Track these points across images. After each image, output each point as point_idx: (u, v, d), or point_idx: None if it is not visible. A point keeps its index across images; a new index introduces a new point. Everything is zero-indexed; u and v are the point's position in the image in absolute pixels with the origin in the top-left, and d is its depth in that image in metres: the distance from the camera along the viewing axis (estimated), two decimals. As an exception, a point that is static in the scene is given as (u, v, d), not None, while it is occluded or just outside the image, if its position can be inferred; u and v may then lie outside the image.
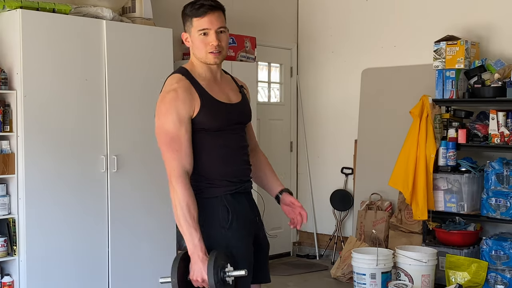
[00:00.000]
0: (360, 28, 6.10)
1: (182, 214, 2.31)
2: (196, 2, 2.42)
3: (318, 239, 6.41)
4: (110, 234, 4.25)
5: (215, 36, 2.41)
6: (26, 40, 3.86)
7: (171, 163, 2.34)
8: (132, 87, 4.40)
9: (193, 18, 2.41)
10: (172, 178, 2.33)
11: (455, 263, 4.69)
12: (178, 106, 2.35)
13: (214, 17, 2.41)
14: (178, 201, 2.31)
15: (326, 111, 6.40)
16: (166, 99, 2.37)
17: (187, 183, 2.34)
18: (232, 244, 2.40)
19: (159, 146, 2.40)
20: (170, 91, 2.38)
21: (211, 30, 2.40)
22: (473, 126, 4.91)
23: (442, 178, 4.91)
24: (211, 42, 2.41)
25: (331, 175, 6.34)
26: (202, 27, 2.40)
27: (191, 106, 2.37)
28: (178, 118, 2.35)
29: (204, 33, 2.41)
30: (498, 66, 4.85)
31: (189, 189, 2.34)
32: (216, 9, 2.42)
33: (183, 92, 2.37)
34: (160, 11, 4.99)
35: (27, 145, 3.87)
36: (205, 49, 2.42)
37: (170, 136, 2.35)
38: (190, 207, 2.31)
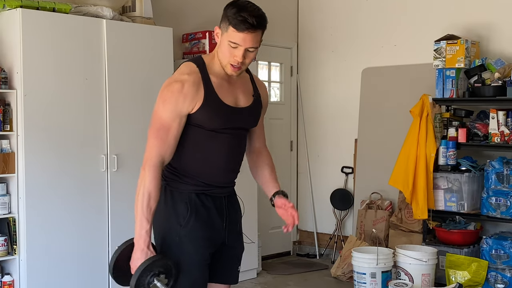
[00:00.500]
0: (361, 28, 6.09)
1: (141, 202, 2.34)
2: (242, 12, 2.29)
3: (318, 238, 6.42)
4: (110, 233, 4.25)
5: (242, 53, 2.34)
6: (26, 39, 3.86)
7: (151, 150, 2.34)
8: (132, 86, 4.40)
9: (230, 25, 2.31)
10: (146, 165, 2.33)
11: (455, 262, 4.69)
12: (179, 99, 2.32)
13: (250, 37, 2.32)
14: (143, 188, 2.33)
15: (326, 110, 6.40)
16: (171, 88, 2.34)
17: (158, 174, 2.34)
18: (182, 241, 2.39)
19: (148, 129, 2.39)
20: (178, 81, 2.35)
21: (242, 47, 2.33)
22: (473, 125, 4.91)
23: (442, 177, 4.91)
24: (236, 58, 2.35)
25: (331, 174, 6.34)
26: (234, 40, 2.32)
27: (192, 102, 2.34)
28: (176, 110, 2.33)
29: (234, 46, 2.34)
30: (498, 65, 4.85)
31: (158, 181, 2.34)
32: (257, 29, 2.32)
33: (190, 86, 2.34)
34: (160, 10, 4.99)
35: (27, 144, 3.87)
36: (228, 59, 2.36)
37: (161, 123, 2.34)
38: (151, 198, 2.33)
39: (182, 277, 2.39)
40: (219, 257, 2.53)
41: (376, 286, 4.36)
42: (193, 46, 5.18)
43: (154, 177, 2.33)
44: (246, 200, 5.51)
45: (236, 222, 2.59)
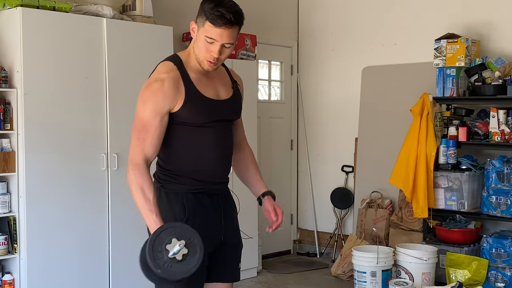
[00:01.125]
0: (361, 26, 6.09)
1: (138, 198, 2.31)
2: (219, 7, 2.29)
3: (318, 237, 6.42)
4: (110, 232, 4.25)
5: (218, 49, 2.34)
6: (26, 38, 3.86)
7: (134, 150, 2.34)
8: (133, 85, 4.39)
9: (207, 21, 2.30)
10: (129, 166, 2.33)
11: (455, 261, 4.70)
12: (160, 98, 2.33)
13: (227, 33, 2.32)
14: (133, 186, 2.31)
15: (326, 109, 6.40)
16: (150, 87, 2.35)
17: (144, 170, 2.31)
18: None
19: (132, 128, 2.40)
20: (158, 80, 2.35)
21: (218, 43, 2.33)
22: (474, 124, 4.91)
23: (442, 176, 4.91)
24: (213, 53, 2.35)
25: (331, 173, 6.34)
26: (211, 36, 2.32)
27: (173, 100, 2.34)
28: (156, 109, 2.33)
29: (210, 42, 2.34)
30: (498, 64, 4.85)
31: (144, 175, 2.31)
32: (234, 25, 2.32)
33: (170, 84, 2.34)
34: (160, 9, 4.99)
35: (27, 143, 3.87)
36: (204, 54, 2.36)
37: (142, 124, 2.34)
38: (144, 190, 2.29)
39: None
40: (219, 256, 2.52)
41: (377, 285, 4.36)
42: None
43: (140, 173, 2.31)
44: (246, 199, 5.50)
45: (232, 219, 2.59)
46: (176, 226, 2.24)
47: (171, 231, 2.20)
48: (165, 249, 2.17)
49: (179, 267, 2.17)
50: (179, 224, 2.27)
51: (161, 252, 2.17)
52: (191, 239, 2.20)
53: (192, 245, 2.20)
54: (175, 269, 2.17)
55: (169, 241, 2.18)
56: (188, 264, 2.18)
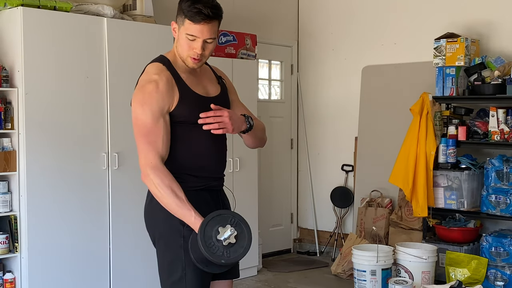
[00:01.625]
0: (361, 26, 6.10)
1: (171, 200, 2.30)
2: (196, 4, 2.33)
3: (318, 236, 6.43)
4: (111, 231, 4.26)
5: (201, 45, 2.37)
6: (27, 38, 3.86)
7: (147, 154, 2.33)
8: (133, 85, 4.38)
9: (186, 18, 2.35)
10: (148, 171, 2.31)
11: (455, 259, 4.71)
12: (157, 99, 2.34)
13: (207, 28, 2.35)
14: (161, 189, 2.30)
15: (326, 108, 6.41)
16: (145, 90, 2.36)
17: (164, 170, 2.32)
18: (187, 241, 2.37)
19: (134, 135, 2.38)
20: (151, 81, 2.36)
21: (200, 39, 2.36)
22: (473, 123, 4.92)
23: (442, 175, 4.92)
24: (195, 50, 2.37)
25: (331, 172, 6.36)
26: (191, 33, 2.35)
27: (170, 99, 2.36)
28: (157, 110, 2.34)
29: (192, 39, 2.37)
30: (498, 63, 4.86)
31: (168, 175, 2.32)
32: (212, 20, 2.36)
33: (164, 84, 2.36)
34: (160, 9, 5.00)
35: (28, 142, 3.88)
36: (187, 52, 2.39)
37: (147, 128, 2.34)
38: (174, 190, 2.30)
39: (190, 277, 2.37)
40: None
41: (376, 284, 4.37)
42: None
43: (163, 174, 2.31)
44: (247, 198, 5.55)
45: None
46: (215, 216, 2.29)
47: (213, 222, 2.27)
48: (216, 241, 2.24)
49: (236, 249, 2.27)
50: (216, 213, 2.30)
51: (214, 245, 2.24)
52: (234, 220, 2.29)
53: (237, 225, 2.29)
54: (233, 252, 2.27)
55: (217, 231, 2.25)
56: (242, 243, 2.28)
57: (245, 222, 2.31)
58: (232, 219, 2.29)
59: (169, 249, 2.42)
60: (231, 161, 5.14)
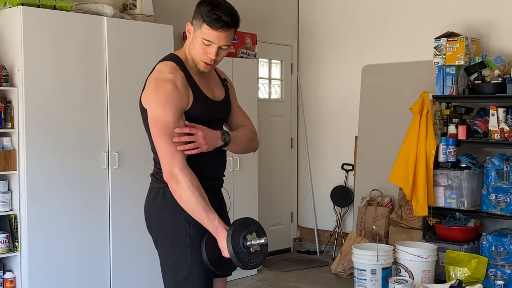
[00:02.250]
0: (361, 25, 6.10)
1: (197, 202, 2.30)
2: (216, 10, 2.32)
3: (318, 235, 6.43)
4: (111, 230, 4.27)
5: (215, 51, 2.37)
6: (27, 37, 3.86)
7: (173, 155, 2.31)
8: (133, 84, 4.40)
9: (205, 23, 2.34)
10: (177, 171, 2.30)
11: (455, 258, 4.71)
12: (178, 98, 2.33)
13: (224, 35, 2.35)
14: (190, 191, 2.30)
15: (326, 107, 6.41)
16: (164, 89, 2.33)
17: (191, 171, 2.33)
18: (193, 239, 2.39)
19: (153, 136, 2.36)
20: (168, 80, 2.35)
21: (215, 45, 2.36)
22: (473, 122, 4.92)
23: (442, 174, 4.92)
24: (209, 55, 2.38)
25: (331, 171, 6.36)
26: (208, 38, 2.35)
27: (187, 99, 2.37)
28: (177, 110, 2.33)
29: (207, 44, 2.37)
30: (498, 63, 4.86)
31: (195, 176, 2.33)
32: (231, 28, 2.36)
33: (181, 84, 2.36)
34: (161, 8, 5.00)
35: (28, 141, 3.88)
36: (201, 56, 2.39)
37: (170, 128, 2.32)
38: (202, 193, 2.32)
39: (196, 276, 2.39)
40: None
41: (376, 283, 4.38)
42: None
43: (192, 175, 2.32)
44: (247, 197, 5.55)
45: (226, 214, 2.64)
46: (241, 222, 2.41)
47: (240, 228, 2.39)
48: (244, 247, 2.36)
49: (258, 255, 2.43)
50: (242, 219, 2.42)
51: (242, 252, 2.36)
52: (254, 228, 2.43)
53: (258, 231, 2.44)
54: (256, 259, 2.41)
55: (245, 238, 2.38)
56: (262, 249, 2.43)
57: (263, 230, 2.46)
58: (253, 227, 2.42)
59: (174, 248, 2.42)
60: (231, 161, 5.14)
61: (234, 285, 5.12)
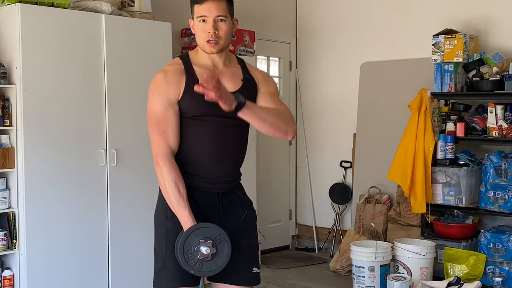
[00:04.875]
0: (359, 22, 6.10)
1: (172, 193, 2.34)
2: None
3: (317, 232, 6.44)
4: (110, 227, 4.27)
5: (212, 24, 2.39)
6: (25, 34, 3.86)
7: (159, 145, 2.37)
8: (131, 81, 4.41)
9: (194, 4, 2.43)
10: (159, 160, 2.36)
11: (453, 255, 4.71)
12: (164, 87, 2.38)
13: (213, 5, 2.39)
14: (166, 181, 2.34)
15: (325, 105, 6.41)
16: (154, 80, 2.42)
17: (174, 162, 2.37)
18: (168, 234, 2.41)
19: (148, 127, 2.42)
20: (160, 72, 2.43)
21: (209, 18, 2.39)
22: (472, 119, 4.92)
23: (440, 171, 4.93)
24: (208, 30, 2.40)
25: (330, 168, 6.36)
26: (200, 13, 2.40)
27: (177, 89, 2.39)
28: (165, 99, 2.37)
29: (202, 20, 2.40)
30: (496, 60, 4.86)
31: (176, 168, 2.36)
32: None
33: (172, 74, 2.40)
34: (159, 5, 5.00)
35: (26, 139, 3.88)
36: (203, 37, 2.42)
37: (157, 117, 2.37)
38: (178, 185, 2.35)
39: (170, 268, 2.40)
40: None
41: (375, 280, 4.38)
42: (192, 41, 5.18)
43: (171, 166, 2.35)
44: (245, 195, 5.54)
45: (235, 219, 2.51)
46: (203, 227, 2.33)
47: (199, 232, 2.32)
48: (194, 251, 2.30)
49: (209, 265, 2.32)
50: (207, 225, 2.35)
51: (191, 254, 2.31)
52: (219, 238, 2.33)
53: (220, 243, 2.33)
54: (206, 267, 2.32)
55: (198, 242, 2.30)
56: (217, 261, 2.34)
57: (229, 244, 2.33)
58: (218, 236, 2.33)
59: (156, 239, 2.50)
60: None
61: (233, 282, 5.12)
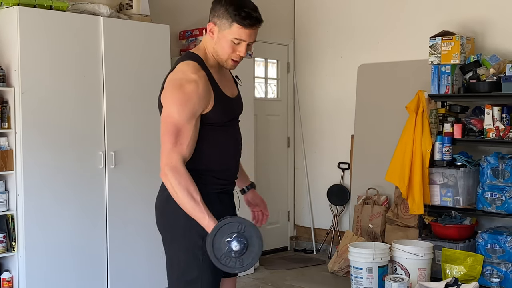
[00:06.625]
0: (356, 24, 6.12)
1: (187, 202, 2.28)
2: (243, 7, 2.34)
3: (315, 234, 6.45)
4: (108, 229, 4.28)
5: (245, 49, 2.38)
6: (23, 37, 3.87)
7: (170, 155, 2.28)
8: (130, 83, 4.42)
9: (234, 23, 2.33)
10: (167, 171, 2.28)
11: (451, 256, 4.72)
12: (196, 101, 2.30)
13: (255, 32, 2.37)
14: (178, 192, 2.27)
15: (322, 106, 6.42)
16: (186, 90, 2.29)
17: (185, 172, 2.28)
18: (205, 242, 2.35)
19: (161, 132, 2.32)
20: (191, 81, 2.30)
21: (245, 42, 2.37)
22: (469, 121, 4.93)
23: (438, 172, 4.94)
24: (240, 53, 2.38)
25: (328, 170, 6.37)
26: (240, 37, 2.35)
27: (206, 102, 2.33)
28: (194, 112, 2.30)
29: (237, 42, 2.37)
30: (493, 61, 4.87)
31: (185, 175, 2.28)
32: (260, 23, 2.38)
33: (203, 86, 2.32)
34: (157, 8, 5.01)
35: (25, 141, 3.89)
36: (229, 54, 2.38)
37: (178, 128, 2.29)
38: (191, 193, 2.27)
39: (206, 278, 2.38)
40: None
41: (373, 281, 4.39)
42: (190, 43, 5.20)
43: (181, 176, 2.28)
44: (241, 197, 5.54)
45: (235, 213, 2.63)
46: (229, 222, 2.26)
47: (221, 233, 2.25)
48: (227, 253, 2.24)
49: (248, 255, 2.26)
50: (224, 222, 2.27)
51: (226, 257, 2.25)
52: (241, 227, 2.26)
53: (245, 231, 2.26)
54: (247, 259, 2.26)
55: (225, 243, 2.24)
56: (253, 247, 2.27)
57: (254, 227, 2.28)
58: (239, 226, 2.26)
59: (186, 249, 2.40)
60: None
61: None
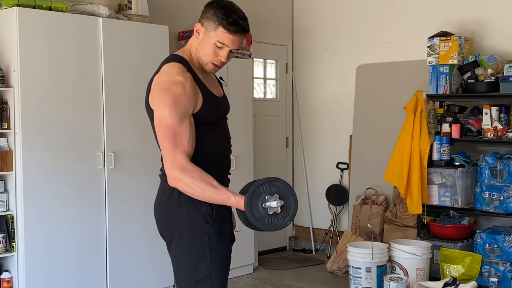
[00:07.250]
0: (355, 25, 6.13)
1: (207, 192, 2.27)
2: (232, 13, 2.35)
3: (314, 234, 6.46)
4: (108, 230, 4.28)
5: (227, 54, 2.40)
6: (23, 38, 3.88)
7: (174, 158, 2.29)
8: (129, 84, 4.43)
9: (220, 26, 2.35)
10: (176, 174, 2.28)
11: (449, 256, 4.74)
12: (186, 101, 2.31)
13: (238, 40, 2.38)
14: (195, 186, 2.27)
15: (321, 107, 6.44)
16: (174, 92, 2.30)
17: (190, 165, 2.29)
18: (212, 239, 2.39)
19: (158, 139, 2.34)
20: (178, 83, 2.32)
21: (228, 48, 2.39)
22: (467, 121, 4.95)
23: (436, 172, 4.95)
24: (221, 57, 2.40)
25: (326, 170, 6.38)
26: (223, 41, 2.37)
27: (196, 102, 2.35)
28: (185, 112, 2.31)
29: (220, 46, 2.38)
30: (491, 62, 4.89)
31: (195, 168, 2.28)
32: (246, 33, 2.40)
33: (190, 87, 2.33)
34: (156, 8, 5.02)
35: (24, 142, 3.89)
36: (211, 58, 2.40)
37: (175, 131, 2.30)
38: (208, 180, 2.27)
39: (215, 274, 2.39)
40: None
41: (372, 281, 4.41)
42: (189, 44, 5.20)
43: (191, 170, 2.28)
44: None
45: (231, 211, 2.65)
46: (254, 191, 2.27)
47: (255, 196, 2.26)
48: (262, 209, 2.26)
49: (282, 217, 2.29)
50: (250, 185, 2.30)
51: (261, 213, 2.26)
52: (271, 187, 2.28)
53: (283, 192, 2.29)
54: (280, 220, 2.29)
55: (264, 200, 2.26)
56: (288, 211, 2.30)
57: (294, 194, 2.31)
58: (263, 187, 2.28)
59: (192, 248, 2.40)
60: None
61: (230, 283, 5.14)
